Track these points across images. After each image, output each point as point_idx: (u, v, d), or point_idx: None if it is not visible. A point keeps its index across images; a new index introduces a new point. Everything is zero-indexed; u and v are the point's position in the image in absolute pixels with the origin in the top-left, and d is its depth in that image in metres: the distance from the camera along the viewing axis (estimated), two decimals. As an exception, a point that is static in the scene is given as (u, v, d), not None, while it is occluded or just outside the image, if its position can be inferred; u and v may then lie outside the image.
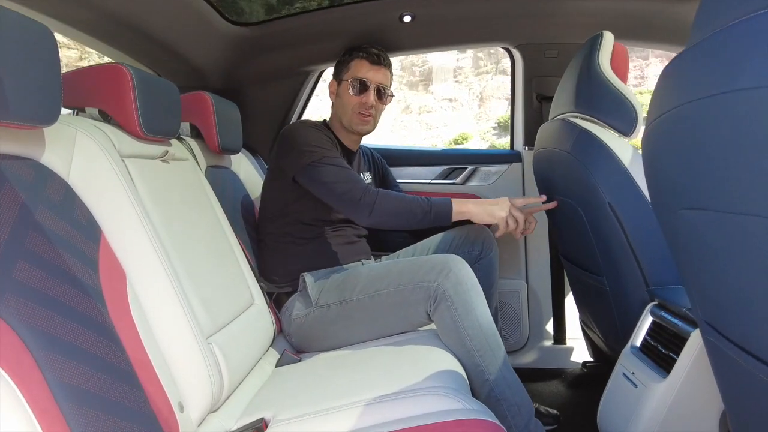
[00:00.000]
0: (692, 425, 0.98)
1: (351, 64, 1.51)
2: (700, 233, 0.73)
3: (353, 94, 1.48)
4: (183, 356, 0.93)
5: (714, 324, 0.80)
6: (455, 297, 1.18)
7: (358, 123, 1.50)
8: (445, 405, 0.90)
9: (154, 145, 1.10)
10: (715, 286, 0.75)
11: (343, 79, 1.52)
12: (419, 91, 18.90)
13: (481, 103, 20.27)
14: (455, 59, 19.19)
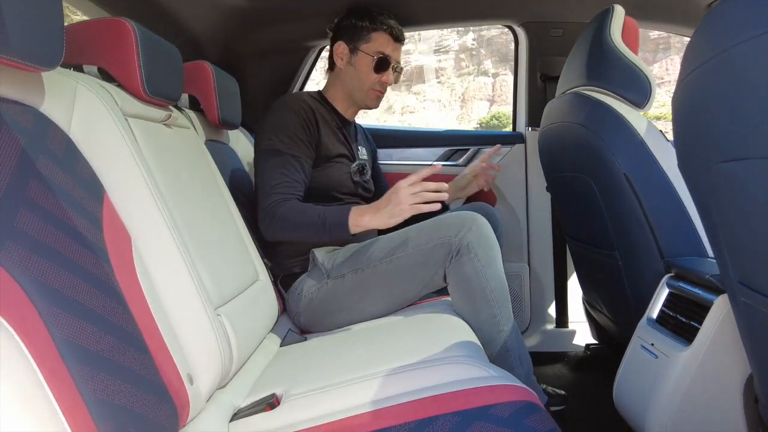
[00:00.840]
0: (715, 393, 0.96)
1: (372, 36, 1.42)
2: (742, 186, 0.70)
3: (375, 71, 1.42)
4: (192, 325, 0.87)
5: (749, 282, 0.78)
6: (479, 249, 1.17)
7: (373, 99, 1.46)
8: (471, 373, 0.86)
9: (156, 109, 1.04)
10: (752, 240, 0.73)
11: (361, 50, 1.42)
12: (402, 91, 18.90)
13: (463, 104, 20.35)
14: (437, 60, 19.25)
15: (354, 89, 1.45)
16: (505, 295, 1.22)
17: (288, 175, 1.30)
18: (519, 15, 1.71)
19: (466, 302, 1.20)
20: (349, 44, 1.44)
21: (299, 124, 1.33)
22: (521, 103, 1.81)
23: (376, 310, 1.30)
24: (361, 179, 1.46)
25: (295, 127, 1.33)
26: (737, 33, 0.63)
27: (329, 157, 1.38)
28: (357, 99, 1.46)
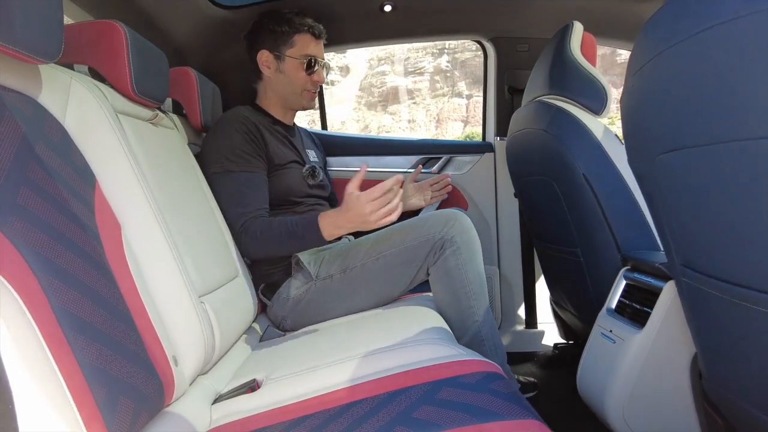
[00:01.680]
0: (666, 372, 1.04)
1: (294, 39, 1.42)
2: (678, 174, 0.79)
3: (306, 72, 1.44)
4: (177, 310, 0.92)
5: (690, 264, 0.86)
6: (461, 243, 1.24)
7: (308, 100, 1.48)
8: (441, 352, 0.92)
9: (143, 108, 1.09)
10: (689, 224, 0.82)
11: (286, 55, 1.43)
12: (378, 111, 19.12)
13: (438, 125, 20.71)
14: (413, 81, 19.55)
15: (287, 94, 1.46)
16: (483, 287, 1.28)
17: (248, 194, 1.31)
18: (487, 31, 1.83)
19: (446, 293, 1.26)
20: (273, 51, 1.44)
21: (245, 140, 1.34)
22: (490, 115, 1.91)
23: (363, 308, 1.34)
24: (316, 181, 1.48)
25: (242, 144, 1.33)
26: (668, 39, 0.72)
27: (280, 165, 1.40)
28: (292, 103, 1.48)
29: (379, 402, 0.76)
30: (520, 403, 0.68)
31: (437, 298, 1.27)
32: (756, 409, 0.83)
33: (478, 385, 0.74)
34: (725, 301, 0.79)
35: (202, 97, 1.42)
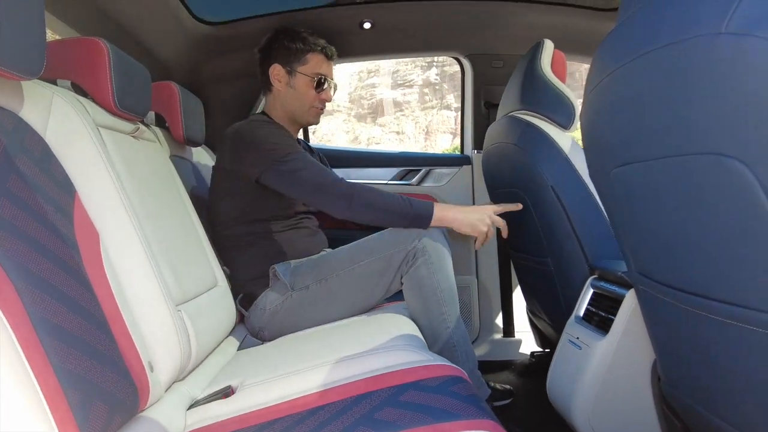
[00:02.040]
0: (629, 376, 1.09)
1: (308, 57, 1.50)
2: (630, 186, 0.84)
3: (316, 90, 1.51)
4: (154, 318, 0.94)
5: (645, 272, 0.91)
6: (432, 252, 1.28)
7: (315, 116, 1.54)
8: (409, 358, 0.95)
9: (125, 122, 1.12)
10: (643, 234, 0.87)
11: (298, 71, 1.50)
12: (368, 123, 19.24)
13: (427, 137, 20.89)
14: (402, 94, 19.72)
15: (295, 108, 1.52)
16: (454, 296, 1.32)
17: (321, 164, 1.36)
18: (464, 48, 1.89)
19: (418, 301, 1.30)
20: (285, 66, 1.51)
21: (283, 133, 1.43)
22: (468, 128, 1.97)
23: (339, 317, 1.37)
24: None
25: (284, 136, 1.41)
26: (617, 59, 0.78)
27: None
28: (299, 117, 1.54)
29: (345, 405, 0.80)
30: (476, 404, 0.72)
31: (410, 307, 1.31)
32: (708, 411, 0.87)
33: (440, 387, 0.78)
34: (678, 308, 0.83)
35: (184, 110, 1.45)
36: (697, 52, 0.61)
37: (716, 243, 0.69)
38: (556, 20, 1.75)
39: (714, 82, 0.60)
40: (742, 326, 0.70)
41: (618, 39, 0.79)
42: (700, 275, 0.75)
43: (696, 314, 0.79)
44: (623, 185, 0.86)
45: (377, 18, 1.72)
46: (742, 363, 0.74)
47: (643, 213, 0.84)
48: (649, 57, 0.69)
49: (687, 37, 0.62)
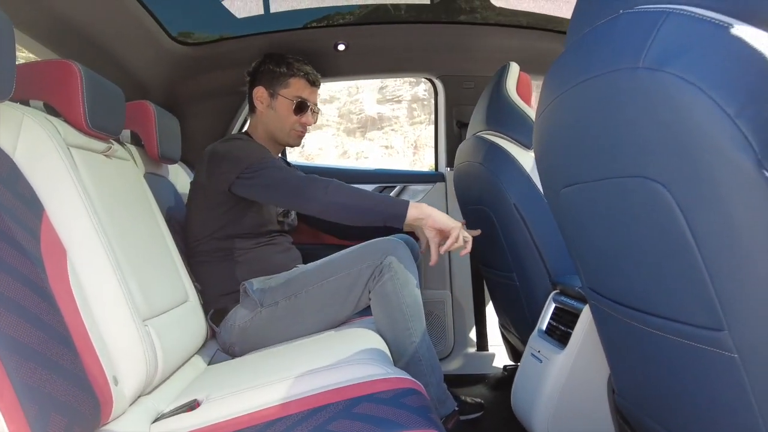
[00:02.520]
0: (586, 388, 1.12)
1: (290, 82, 1.55)
2: (575, 206, 0.89)
3: (295, 113, 1.55)
4: (120, 332, 0.97)
5: (594, 287, 0.95)
6: (398, 269, 1.31)
7: (295, 138, 1.59)
8: (370, 371, 0.98)
9: (97, 141, 1.15)
10: (589, 251, 0.91)
11: (280, 94, 1.55)
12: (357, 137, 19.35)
13: (415, 151, 21.04)
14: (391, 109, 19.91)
15: (276, 130, 1.57)
16: (420, 311, 1.35)
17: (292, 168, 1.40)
18: (436, 69, 1.95)
19: (384, 316, 1.33)
20: (269, 89, 1.56)
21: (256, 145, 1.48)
22: (441, 147, 2.02)
23: (309, 332, 1.40)
24: (286, 219, 1.58)
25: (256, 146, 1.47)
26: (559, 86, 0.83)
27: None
28: (279, 139, 1.58)
29: (302, 417, 0.82)
30: (424, 416, 0.75)
31: (377, 321, 1.34)
32: (656, 423, 0.91)
33: (392, 399, 0.81)
34: (623, 322, 0.88)
35: (159, 128, 1.49)
36: (620, 84, 0.66)
37: (646, 260, 0.74)
38: (524, 43, 1.81)
39: (635, 112, 0.65)
40: (674, 339, 0.74)
41: (561, 66, 0.84)
42: (636, 291, 0.80)
43: (638, 328, 0.83)
44: (570, 204, 0.91)
45: (351, 40, 1.78)
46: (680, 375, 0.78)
47: (588, 231, 0.89)
48: (584, 86, 0.74)
49: (612, 69, 0.67)
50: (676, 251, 0.65)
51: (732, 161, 0.55)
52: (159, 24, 1.55)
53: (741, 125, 0.54)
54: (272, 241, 1.54)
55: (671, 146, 0.61)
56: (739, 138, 0.54)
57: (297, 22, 1.79)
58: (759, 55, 0.54)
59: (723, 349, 0.65)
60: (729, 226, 0.58)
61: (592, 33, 0.75)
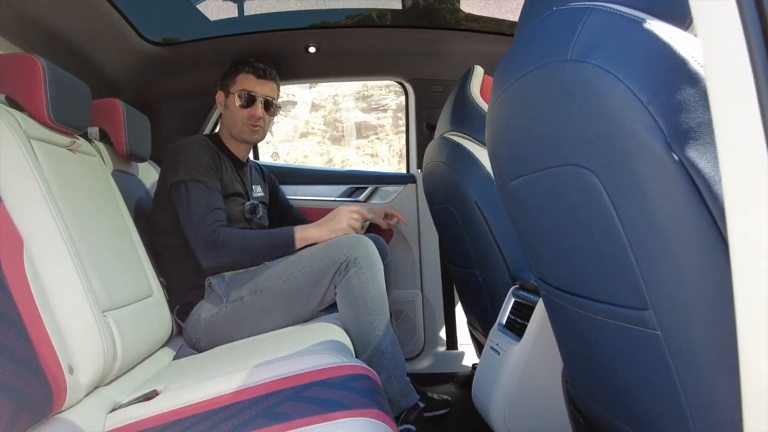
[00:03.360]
0: (541, 379, 1.16)
1: (237, 78, 1.58)
2: (523, 198, 0.93)
3: (241, 106, 1.57)
4: (77, 322, 0.97)
5: (543, 277, 0.99)
6: (364, 263, 1.34)
7: (249, 133, 1.59)
8: (327, 360, 1.00)
9: (61, 135, 1.16)
10: (537, 242, 0.95)
11: (230, 91, 1.59)
12: (342, 145, 19.38)
13: (400, 160, 21.14)
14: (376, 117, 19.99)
15: (232, 127, 1.60)
16: (384, 306, 1.37)
17: (213, 204, 1.42)
18: (406, 73, 1.99)
19: (349, 310, 1.35)
20: (224, 91, 1.62)
21: (210, 158, 1.48)
22: (412, 149, 2.06)
23: (274, 327, 1.41)
24: (254, 217, 1.58)
25: (208, 161, 1.47)
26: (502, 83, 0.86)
27: (225, 195, 1.50)
28: (236, 135, 1.60)
29: (253, 401, 0.84)
30: (369, 397, 0.77)
31: (342, 316, 1.36)
32: (603, 409, 0.94)
33: (341, 383, 0.83)
34: (568, 309, 0.91)
35: (128, 126, 1.50)
36: (552, 77, 0.70)
37: (584, 247, 0.77)
38: (490, 48, 1.86)
39: (565, 102, 0.68)
40: (609, 322, 0.77)
41: (506, 63, 0.88)
42: (577, 277, 0.83)
43: (579, 314, 0.86)
44: (518, 197, 0.94)
45: (321, 43, 1.81)
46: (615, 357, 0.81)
47: (535, 222, 0.92)
48: (523, 80, 0.78)
49: (545, 63, 0.71)
50: (607, 235, 0.69)
51: (645, 145, 0.58)
52: (129, 23, 1.57)
53: (652, 111, 0.57)
54: None
55: (596, 133, 0.65)
56: (651, 123, 0.58)
57: (269, 25, 1.82)
58: (669, 48, 0.58)
59: (648, 327, 0.68)
60: (646, 208, 0.62)
61: (531, 29, 0.79)
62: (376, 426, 0.71)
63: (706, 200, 0.57)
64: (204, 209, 1.39)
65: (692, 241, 0.58)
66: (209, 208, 1.40)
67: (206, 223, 1.38)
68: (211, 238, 1.37)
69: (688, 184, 0.57)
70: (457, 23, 1.89)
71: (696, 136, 0.57)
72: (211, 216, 1.39)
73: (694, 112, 0.56)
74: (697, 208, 0.57)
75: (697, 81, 0.56)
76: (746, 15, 0.45)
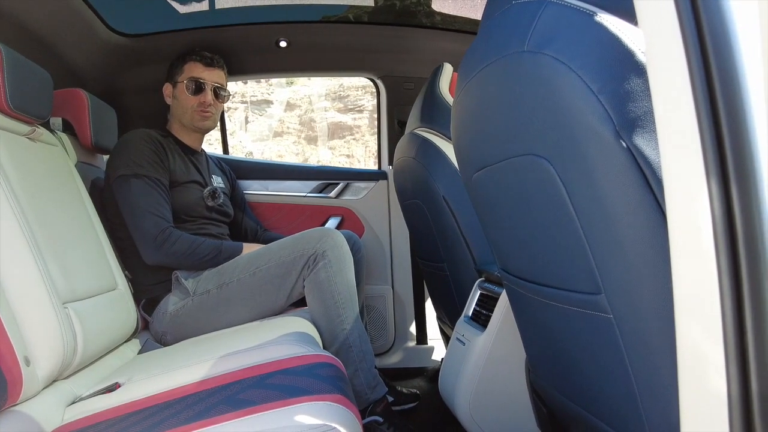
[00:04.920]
0: (505, 368, 1.18)
1: (185, 67, 1.58)
2: (485, 190, 0.95)
3: (190, 94, 1.56)
4: (34, 313, 0.95)
5: (505, 267, 1.01)
6: (332, 257, 1.34)
7: (200, 120, 1.58)
8: (293, 351, 1.00)
9: (20, 123, 1.13)
10: (499, 232, 0.97)
11: (178, 81, 1.58)
12: (318, 145, 19.29)
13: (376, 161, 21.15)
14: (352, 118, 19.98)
15: (181, 116, 1.59)
16: (353, 299, 1.38)
17: (158, 199, 1.40)
18: (378, 70, 2.00)
19: (317, 304, 1.35)
20: (170, 82, 1.62)
21: (152, 150, 1.46)
22: (384, 145, 2.07)
23: (242, 321, 1.40)
24: (215, 203, 1.57)
25: (150, 153, 1.45)
26: (464, 76, 0.88)
27: (179, 182, 1.50)
28: (187, 123, 1.59)
29: (215, 390, 0.84)
30: (333, 383, 0.78)
31: (311, 309, 1.36)
32: (563, 395, 0.97)
33: (304, 371, 0.83)
34: (527, 297, 0.93)
35: (93, 117, 1.47)
36: (509, 68, 0.72)
37: (542, 235, 0.79)
38: (461, 46, 1.89)
39: (522, 92, 0.71)
40: (565, 307, 0.80)
41: (469, 56, 0.90)
42: (536, 265, 0.86)
43: (537, 301, 0.89)
44: (481, 189, 0.96)
45: (292, 37, 1.81)
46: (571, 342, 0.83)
47: (497, 212, 0.94)
48: (484, 72, 0.80)
49: (503, 54, 0.73)
50: (563, 222, 0.71)
51: (596, 133, 0.61)
52: (96, 14, 1.54)
53: (603, 100, 0.60)
54: (201, 230, 1.53)
55: (550, 122, 0.67)
56: (601, 111, 0.60)
57: (240, 18, 1.81)
58: (617, 40, 0.60)
59: (601, 311, 0.70)
60: (597, 194, 0.64)
61: (492, 22, 0.81)
62: (339, 410, 0.71)
63: (651, 186, 0.59)
64: (147, 205, 1.38)
65: (639, 225, 0.61)
66: (152, 203, 1.39)
67: (151, 221, 1.37)
68: (161, 237, 1.36)
69: (636, 171, 0.60)
70: (428, 21, 1.91)
71: (642, 124, 0.59)
72: (155, 212, 1.38)
73: (640, 101, 0.59)
74: (644, 194, 0.60)
75: (643, 71, 0.59)
76: (682, 11, 0.48)
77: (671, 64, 0.48)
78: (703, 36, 0.48)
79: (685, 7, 0.48)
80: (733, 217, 0.46)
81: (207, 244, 1.42)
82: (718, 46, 0.47)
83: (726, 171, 0.46)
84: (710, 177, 0.45)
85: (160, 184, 1.43)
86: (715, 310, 0.45)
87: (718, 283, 0.44)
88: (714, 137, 0.47)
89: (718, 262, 0.44)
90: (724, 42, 0.48)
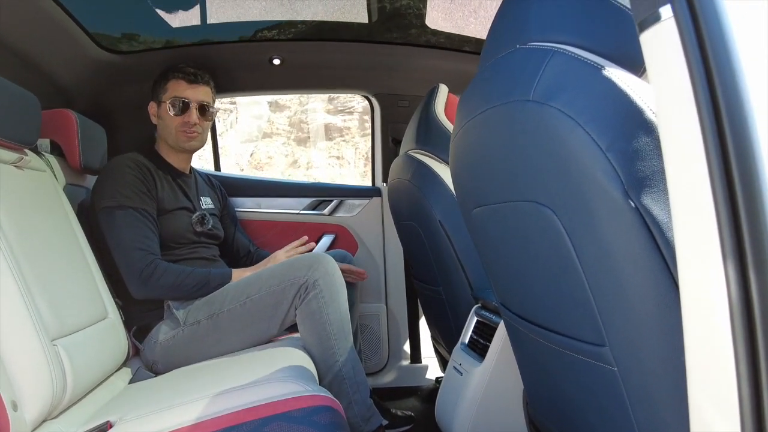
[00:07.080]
0: (503, 400, 1.17)
1: (168, 86, 1.53)
2: (485, 226, 0.93)
3: (174, 114, 1.51)
4: (23, 354, 0.92)
5: (505, 303, 1.00)
6: (324, 286, 1.31)
7: (185, 140, 1.53)
8: (289, 389, 0.98)
9: (7, 151, 1.10)
10: (498, 269, 0.96)
11: (161, 100, 1.53)
12: (307, 147, 19.24)
13: (366, 162, 21.13)
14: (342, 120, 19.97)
15: (167, 136, 1.55)
16: (345, 329, 1.34)
17: (145, 232, 1.37)
18: (372, 87, 1.99)
19: (310, 334, 1.33)
20: (155, 101, 1.57)
21: (139, 179, 1.41)
22: (378, 162, 2.06)
23: (233, 350, 1.37)
24: (204, 228, 1.54)
25: (135, 182, 1.40)
26: (465, 116, 0.87)
27: (167, 210, 1.46)
28: (173, 144, 1.55)
29: (211, 437, 0.81)
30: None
31: (303, 339, 1.33)
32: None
33: (303, 418, 0.82)
34: (529, 337, 0.92)
35: (82, 138, 1.44)
36: (515, 115, 0.71)
37: (545, 279, 0.78)
38: (455, 65, 1.88)
39: (527, 141, 0.69)
40: (569, 354, 0.79)
41: (470, 94, 0.89)
42: (538, 308, 0.85)
43: (540, 343, 0.88)
44: (481, 224, 0.95)
45: (286, 55, 1.79)
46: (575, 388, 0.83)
47: (497, 249, 0.94)
48: (486, 114, 0.79)
49: (508, 100, 0.72)
50: (566, 272, 0.70)
51: (604, 190, 0.60)
52: (84, 31, 1.50)
53: (611, 158, 0.59)
54: (193, 254, 1.50)
55: (556, 174, 0.66)
56: (609, 169, 0.59)
57: (233, 34, 1.78)
58: (626, 96, 0.59)
59: (605, 363, 0.70)
60: (604, 250, 0.63)
61: (494, 65, 0.80)
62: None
63: (659, 246, 0.58)
64: (132, 238, 1.35)
65: (647, 284, 0.60)
66: (138, 236, 1.36)
67: (137, 254, 1.34)
68: (147, 271, 1.34)
69: (644, 230, 0.59)
70: (422, 39, 1.90)
71: (651, 183, 0.58)
72: (140, 245, 1.35)
73: (649, 161, 0.58)
74: (652, 254, 0.59)
75: (652, 129, 0.58)
76: (693, 66, 0.47)
77: (683, 125, 0.47)
78: (716, 96, 0.47)
79: (696, 65, 0.46)
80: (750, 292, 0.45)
81: (195, 274, 1.39)
82: (730, 106, 0.46)
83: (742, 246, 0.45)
84: (726, 258, 0.44)
85: (147, 215, 1.39)
86: (732, 393, 0.44)
87: (735, 369, 0.43)
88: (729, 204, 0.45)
89: (735, 349, 0.43)
90: (736, 102, 0.46)
